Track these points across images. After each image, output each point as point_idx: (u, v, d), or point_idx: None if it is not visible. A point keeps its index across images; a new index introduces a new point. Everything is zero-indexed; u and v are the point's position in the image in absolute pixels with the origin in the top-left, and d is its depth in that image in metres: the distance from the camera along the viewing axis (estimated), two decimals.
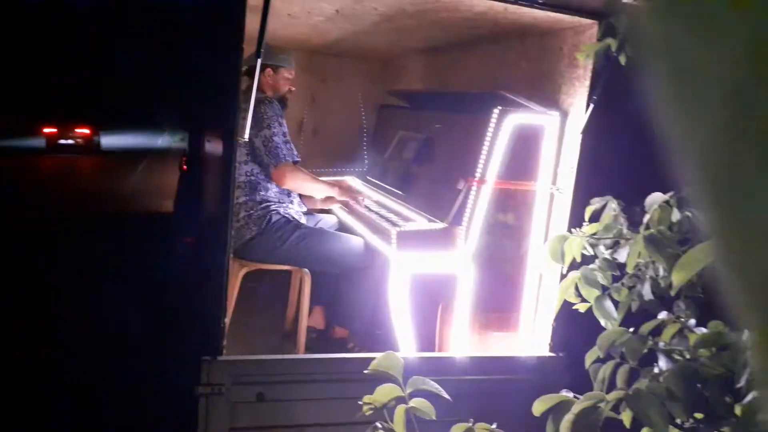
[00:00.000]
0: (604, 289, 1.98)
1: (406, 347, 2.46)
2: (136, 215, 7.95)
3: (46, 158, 15.10)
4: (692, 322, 1.33)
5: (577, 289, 2.09)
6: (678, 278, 0.93)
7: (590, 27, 2.29)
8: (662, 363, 1.17)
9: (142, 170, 12.88)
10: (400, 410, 1.21)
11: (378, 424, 1.21)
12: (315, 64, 4.34)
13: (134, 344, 3.07)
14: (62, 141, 16.86)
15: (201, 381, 2.00)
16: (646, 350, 1.23)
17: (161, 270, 4.19)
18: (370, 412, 1.25)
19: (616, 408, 1.00)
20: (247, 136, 2.00)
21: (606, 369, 1.13)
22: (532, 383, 2.47)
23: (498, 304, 2.58)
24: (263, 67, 2.71)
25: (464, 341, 2.50)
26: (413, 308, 2.45)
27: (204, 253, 2.18)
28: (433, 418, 1.18)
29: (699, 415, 0.96)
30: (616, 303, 2.01)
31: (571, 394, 1.18)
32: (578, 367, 2.50)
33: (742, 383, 0.88)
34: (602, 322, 1.94)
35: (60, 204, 8.20)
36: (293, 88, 3.01)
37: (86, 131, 17.31)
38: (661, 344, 1.24)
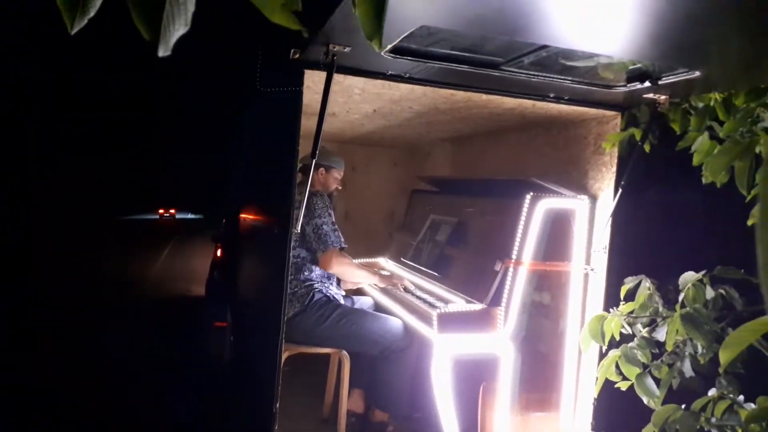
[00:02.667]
0: (645, 366, 2.03)
1: (450, 430, 2.48)
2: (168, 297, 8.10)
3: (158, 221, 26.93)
4: (741, 398, 1.38)
5: (617, 367, 2.14)
6: (725, 357, 1.02)
7: (613, 117, 2.48)
8: None
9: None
10: None
11: None
12: (345, 154, 4.59)
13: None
14: (163, 214, 32.86)
15: None
16: (698, 426, 1.29)
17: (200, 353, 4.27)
18: None
19: None
20: (299, 227, 2.16)
21: None
22: None
23: (538, 384, 2.61)
24: (316, 167, 2.97)
25: (507, 423, 2.52)
26: (454, 390, 2.49)
27: (257, 337, 2.27)
28: None
29: None
30: (656, 380, 2.05)
31: None
32: None
33: None
34: (644, 400, 1.98)
35: None
36: (340, 187, 3.26)
37: (173, 211, 33.38)
38: (713, 419, 1.29)
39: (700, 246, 2.42)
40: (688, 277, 2.00)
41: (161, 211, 33.00)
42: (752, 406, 1.32)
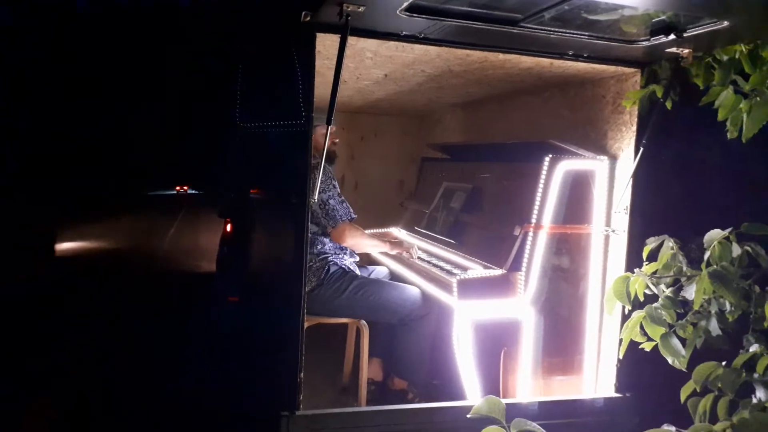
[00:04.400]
0: (670, 327, 2.01)
1: (472, 394, 2.48)
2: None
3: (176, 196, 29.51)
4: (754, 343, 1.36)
5: (642, 328, 2.12)
6: None
7: (632, 75, 2.41)
8: (760, 393, 1.21)
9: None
10: None
11: None
12: (354, 123, 4.53)
13: (208, 404, 3.12)
14: (179, 190, 35.86)
15: None
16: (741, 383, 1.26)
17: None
18: None
19: None
20: (316, 197, 2.12)
21: (706, 402, 1.17)
22: (601, 425, 2.46)
23: (560, 347, 2.60)
24: None
25: (529, 387, 2.52)
26: (476, 356, 2.49)
27: (278, 309, 2.26)
28: None
29: None
30: (681, 340, 2.03)
31: (673, 428, 1.21)
32: (647, 406, 2.48)
33: None
34: (669, 360, 1.96)
35: None
36: (336, 140, 3.15)
37: (186, 187, 36.01)
38: (756, 375, 1.27)
39: (725, 204, 2.37)
40: (714, 235, 1.96)
41: (177, 188, 36.34)
42: None
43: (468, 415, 1.30)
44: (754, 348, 1.33)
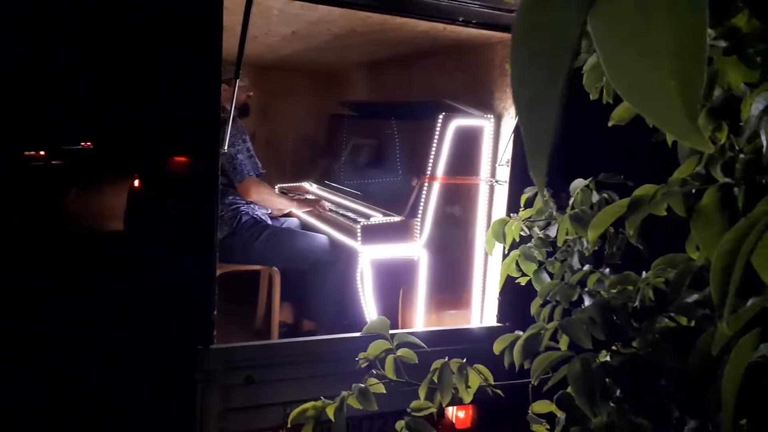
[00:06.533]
0: (541, 264, 2.37)
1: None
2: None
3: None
4: (607, 271, 1.69)
5: (517, 265, 2.47)
6: (591, 235, 1.27)
7: None
8: (587, 301, 1.53)
9: None
10: (390, 359, 1.51)
11: (373, 371, 1.50)
12: (265, 80, 4.59)
13: (133, 340, 3.23)
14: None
15: (196, 368, 2.23)
16: (576, 297, 1.58)
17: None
18: (365, 364, 1.55)
19: (554, 337, 1.35)
20: (225, 148, 2.26)
21: (545, 310, 1.48)
22: (483, 350, 2.83)
23: (451, 285, 2.93)
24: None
25: (424, 320, 2.83)
26: (378, 293, 2.76)
27: (193, 253, 2.39)
28: (416, 362, 1.49)
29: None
30: (551, 275, 2.39)
31: (521, 332, 1.52)
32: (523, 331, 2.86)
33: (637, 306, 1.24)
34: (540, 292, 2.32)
35: None
36: (251, 94, 3.24)
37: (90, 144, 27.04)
38: (585, 289, 1.60)
39: (593, 157, 2.74)
40: (577, 184, 2.30)
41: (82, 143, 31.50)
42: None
43: (359, 333, 1.54)
44: (586, 268, 1.66)
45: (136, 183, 5.38)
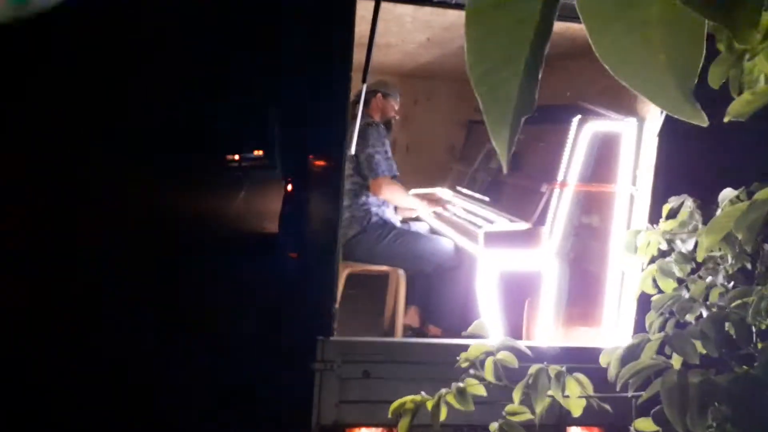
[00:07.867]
0: (681, 281, 2.13)
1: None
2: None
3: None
4: (731, 284, 1.49)
5: (655, 282, 2.24)
6: (707, 242, 1.13)
7: None
8: (705, 316, 1.36)
9: None
10: (489, 361, 1.47)
11: (471, 371, 1.47)
12: (407, 88, 4.70)
13: (258, 330, 3.52)
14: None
15: (316, 358, 2.34)
16: (698, 313, 1.41)
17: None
18: (466, 364, 1.52)
19: (661, 349, 1.21)
20: (353, 150, 2.37)
21: (657, 321, 1.34)
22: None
23: (582, 300, 2.75)
24: (374, 93, 3.14)
25: (549, 334, 2.69)
26: (501, 304, 2.68)
27: (318, 248, 2.53)
28: (516, 365, 1.43)
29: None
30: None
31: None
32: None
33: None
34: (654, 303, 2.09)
35: None
36: (397, 116, 3.44)
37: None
38: (707, 303, 1.42)
39: (745, 164, 2.42)
40: (727, 194, 2.05)
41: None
42: None
43: (462, 333, 1.52)
44: (709, 280, 1.47)
45: (289, 187, 5.80)
